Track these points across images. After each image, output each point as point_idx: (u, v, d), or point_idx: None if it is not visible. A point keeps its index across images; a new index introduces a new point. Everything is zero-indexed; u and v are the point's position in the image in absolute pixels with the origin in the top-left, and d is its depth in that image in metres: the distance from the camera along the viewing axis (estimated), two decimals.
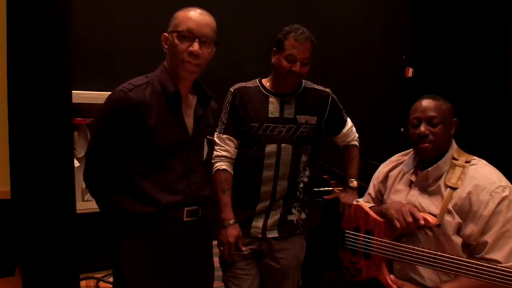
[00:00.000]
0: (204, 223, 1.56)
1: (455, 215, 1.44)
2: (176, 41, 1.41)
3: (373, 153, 2.74)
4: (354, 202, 1.81)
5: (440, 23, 3.39)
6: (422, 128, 1.50)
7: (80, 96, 2.59)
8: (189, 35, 1.40)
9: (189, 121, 1.50)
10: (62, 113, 1.98)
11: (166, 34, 1.46)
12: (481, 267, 1.30)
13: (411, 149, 1.66)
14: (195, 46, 1.40)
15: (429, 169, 1.52)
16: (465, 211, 1.43)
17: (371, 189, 1.80)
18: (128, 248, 1.43)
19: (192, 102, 1.54)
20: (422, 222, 1.44)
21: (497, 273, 1.26)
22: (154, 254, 1.43)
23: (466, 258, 1.36)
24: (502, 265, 1.33)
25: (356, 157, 2.02)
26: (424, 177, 1.54)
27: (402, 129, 3.62)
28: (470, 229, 1.42)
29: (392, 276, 1.54)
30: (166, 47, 1.47)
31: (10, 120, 1.94)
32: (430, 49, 3.46)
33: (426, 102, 1.53)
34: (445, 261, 1.37)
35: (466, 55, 3.22)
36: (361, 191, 1.95)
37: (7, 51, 1.89)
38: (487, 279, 1.28)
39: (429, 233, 1.48)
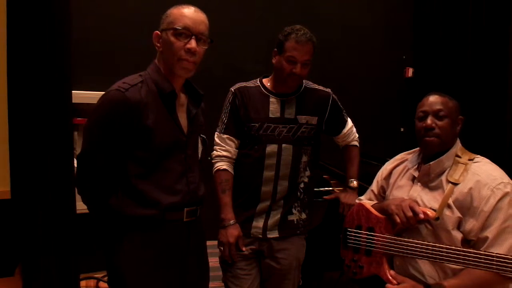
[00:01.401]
0: (200, 223, 1.56)
1: (455, 210, 1.45)
2: (172, 38, 1.39)
3: (373, 153, 2.74)
4: (356, 201, 1.81)
5: (440, 23, 3.39)
6: (429, 121, 1.52)
7: (80, 96, 2.58)
8: (186, 32, 1.39)
9: (183, 120, 1.49)
10: (62, 113, 1.97)
11: (158, 32, 1.44)
12: (480, 256, 1.31)
13: (416, 148, 1.68)
14: (193, 43, 1.39)
15: (431, 163, 1.54)
16: (466, 207, 1.44)
17: (374, 186, 1.81)
18: (129, 252, 1.41)
19: (184, 101, 1.52)
20: (421, 216, 1.45)
21: (497, 260, 1.27)
22: (155, 256, 1.42)
23: (465, 248, 1.37)
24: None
25: (356, 157, 2.02)
26: (426, 171, 1.55)
27: (402, 129, 3.63)
28: (471, 224, 1.43)
29: (392, 272, 1.54)
30: (158, 45, 1.45)
31: (10, 120, 1.93)
32: (430, 49, 3.46)
33: (433, 98, 1.56)
34: (445, 252, 1.38)
35: (466, 55, 3.21)
36: (361, 191, 1.96)
37: (7, 51, 1.89)
38: (487, 268, 1.29)
39: (429, 227, 1.49)
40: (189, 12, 1.41)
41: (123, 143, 1.38)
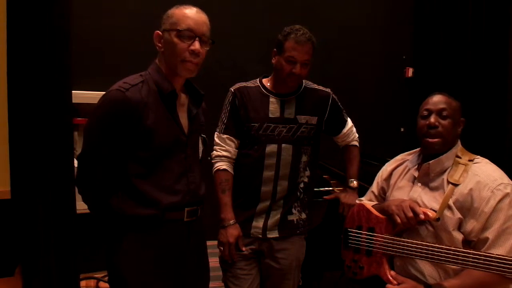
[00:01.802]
0: (200, 223, 1.56)
1: (455, 210, 1.45)
2: (176, 39, 1.39)
3: (373, 153, 2.74)
4: (357, 201, 1.81)
5: (440, 23, 3.39)
6: (432, 119, 1.53)
7: (80, 96, 2.58)
8: (190, 34, 1.39)
9: (184, 120, 1.49)
10: (62, 113, 1.98)
11: (159, 32, 1.44)
12: (481, 257, 1.31)
13: (417, 149, 1.68)
14: (197, 45, 1.39)
15: (430, 161, 1.54)
16: (467, 208, 1.44)
17: (374, 187, 1.81)
18: (129, 252, 1.40)
19: (185, 101, 1.52)
20: (422, 216, 1.45)
21: (497, 261, 1.27)
22: (155, 256, 1.42)
23: (465, 249, 1.37)
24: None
25: (356, 157, 2.02)
26: (426, 170, 1.56)
27: (402, 129, 3.63)
28: (471, 225, 1.43)
29: (392, 272, 1.54)
30: (159, 45, 1.44)
31: (10, 120, 1.94)
32: (430, 49, 3.47)
33: (437, 97, 1.57)
34: (445, 253, 1.38)
35: (466, 55, 3.22)
36: (361, 191, 1.96)
37: (7, 51, 1.89)
38: (488, 269, 1.29)
39: (430, 228, 1.49)
40: (191, 13, 1.41)
41: (123, 143, 1.38)
